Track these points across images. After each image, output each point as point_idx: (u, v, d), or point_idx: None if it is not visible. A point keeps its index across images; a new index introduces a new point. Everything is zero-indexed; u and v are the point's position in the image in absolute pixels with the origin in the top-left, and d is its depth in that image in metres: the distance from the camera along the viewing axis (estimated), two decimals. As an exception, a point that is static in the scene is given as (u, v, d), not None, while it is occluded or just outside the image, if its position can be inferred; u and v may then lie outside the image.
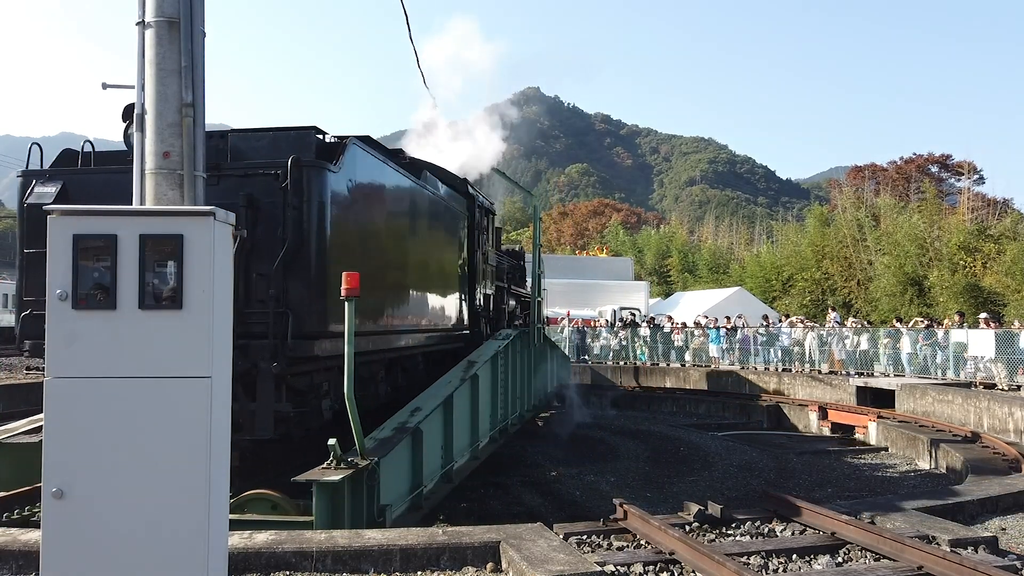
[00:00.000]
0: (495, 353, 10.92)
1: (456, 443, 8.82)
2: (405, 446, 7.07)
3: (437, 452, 8.27)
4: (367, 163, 7.31)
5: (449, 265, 10.33)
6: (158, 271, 3.09)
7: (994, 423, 13.68)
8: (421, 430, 7.38)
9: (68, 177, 6.78)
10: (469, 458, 9.60)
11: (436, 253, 9.69)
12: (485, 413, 10.52)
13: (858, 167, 56.73)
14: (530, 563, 4.64)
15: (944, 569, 4.84)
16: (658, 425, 17.94)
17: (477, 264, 11.75)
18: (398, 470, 6.89)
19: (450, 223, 10.42)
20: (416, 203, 8.89)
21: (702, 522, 6.18)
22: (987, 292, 28.11)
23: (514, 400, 12.71)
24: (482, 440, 10.21)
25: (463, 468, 9.26)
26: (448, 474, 8.52)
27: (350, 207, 6.92)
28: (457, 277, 10.75)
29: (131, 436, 3.05)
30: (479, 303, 11.95)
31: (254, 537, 5.08)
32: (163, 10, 4.47)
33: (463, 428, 9.30)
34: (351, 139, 7.06)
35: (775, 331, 22.89)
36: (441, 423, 8.40)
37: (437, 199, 9.73)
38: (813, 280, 37.03)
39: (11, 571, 4.74)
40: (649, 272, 53.02)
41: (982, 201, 38.62)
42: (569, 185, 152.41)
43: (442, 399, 8.31)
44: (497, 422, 11.17)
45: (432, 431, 7.95)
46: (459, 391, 8.92)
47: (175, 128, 4.45)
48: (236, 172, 6.34)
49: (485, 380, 10.53)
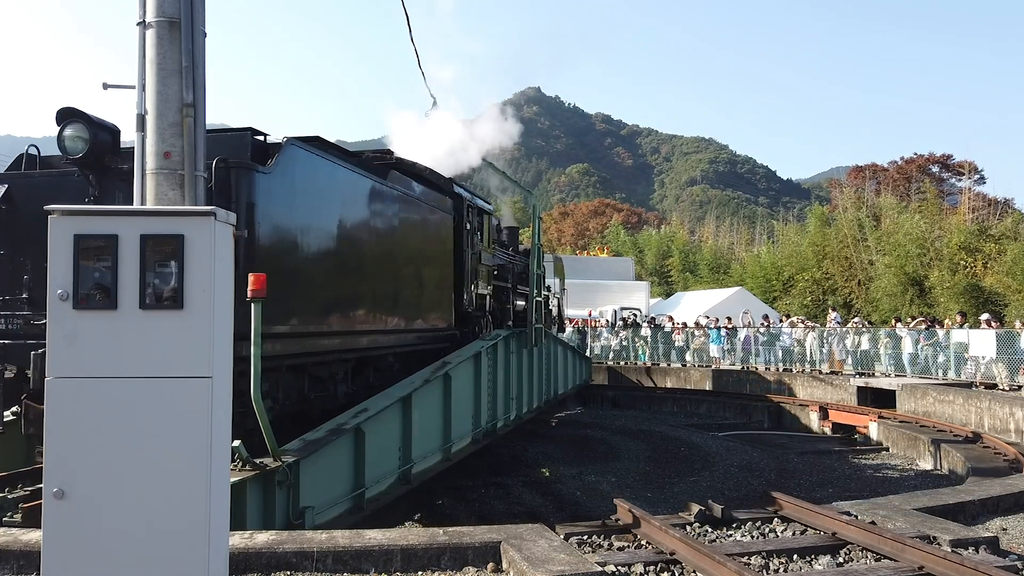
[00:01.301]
0: (476, 353, 10.80)
1: (418, 444, 8.69)
2: (340, 447, 7.01)
3: (392, 453, 8.19)
4: (310, 163, 7.23)
5: (428, 265, 10.19)
6: (159, 271, 3.09)
7: (995, 423, 13.67)
8: (363, 431, 7.31)
9: (13, 180, 6.76)
10: (440, 459, 9.50)
11: (408, 253, 9.53)
12: (464, 414, 10.38)
13: (859, 167, 56.69)
14: (531, 563, 4.64)
15: (945, 569, 4.84)
16: (659, 425, 17.95)
17: (466, 264, 11.60)
18: (329, 471, 6.82)
19: (428, 222, 10.27)
20: (380, 203, 8.75)
21: (703, 522, 6.18)
22: (988, 292, 28.10)
23: (508, 401, 12.56)
24: (458, 441, 10.04)
25: (429, 469, 9.14)
26: (407, 475, 8.41)
27: (287, 208, 6.83)
28: (440, 277, 10.61)
29: (132, 436, 3.05)
30: (469, 303, 11.80)
31: (255, 537, 5.08)
32: (164, 10, 4.47)
33: (430, 428, 9.19)
34: (289, 140, 7.02)
35: (775, 331, 22.90)
36: (399, 423, 8.32)
37: (409, 198, 9.60)
38: (814, 280, 37.02)
39: (12, 571, 4.74)
40: (650, 272, 53.02)
41: (983, 201, 38.61)
42: (570, 185, 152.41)
43: (395, 399, 8.20)
44: (482, 423, 11.01)
45: (382, 431, 7.87)
46: (422, 391, 8.78)
47: (176, 128, 4.46)
48: None
49: (464, 380, 10.40)
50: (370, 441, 7.50)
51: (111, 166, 6.37)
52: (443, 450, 9.61)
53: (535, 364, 14.51)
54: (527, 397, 13.98)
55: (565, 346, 18.98)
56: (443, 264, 10.82)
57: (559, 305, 21.39)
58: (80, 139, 6.25)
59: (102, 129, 6.37)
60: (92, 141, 6.24)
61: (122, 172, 6.28)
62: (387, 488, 8.01)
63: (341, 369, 8.49)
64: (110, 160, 6.38)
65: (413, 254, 9.72)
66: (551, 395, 16.19)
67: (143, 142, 4.52)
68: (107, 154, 6.36)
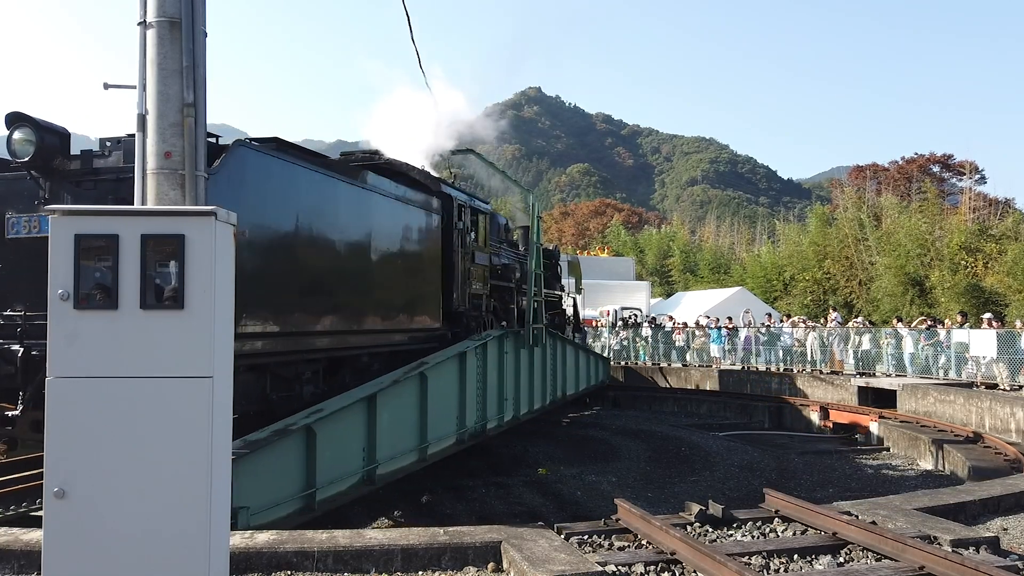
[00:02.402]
0: (461, 352, 10.75)
1: (385, 444, 8.65)
2: (287, 447, 6.98)
3: (355, 453, 8.17)
4: (263, 164, 7.24)
5: (410, 265, 10.13)
6: (160, 271, 3.10)
7: (996, 423, 13.67)
8: (315, 431, 7.28)
9: None
10: (415, 459, 9.47)
11: (385, 253, 9.48)
12: (446, 413, 10.32)
13: (860, 167, 56.64)
14: (531, 563, 4.65)
15: (946, 569, 4.84)
16: (659, 425, 17.94)
17: (456, 264, 11.54)
18: (272, 472, 6.80)
19: (410, 222, 10.21)
20: (350, 203, 8.73)
21: (703, 522, 6.18)
22: (989, 292, 28.07)
23: (501, 401, 12.45)
24: (437, 442, 9.98)
25: (401, 469, 9.10)
26: (371, 476, 8.38)
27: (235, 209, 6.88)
28: (425, 277, 10.55)
29: (133, 436, 3.05)
30: (461, 303, 11.75)
31: (255, 537, 5.09)
32: (164, 10, 4.47)
33: (402, 429, 9.15)
34: (237, 141, 7.10)
35: (776, 331, 22.90)
36: (362, 423, 8.29)
37: (385, 198, 9.56)
38: (814, 280, 37.01)
39: (13, 571, 4.74)
40: (650, 272, 53.00)
41: (984, 201, 38.58)
42: (570, 185, 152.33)
43: (357, 399, 8.16)
44: (469, 423, 10.94)
45: (341, 431, 7.85)
46: (389, 391, 8.74)
47: (176, 128, 4.46)
48: (110, 176, 6.47)
49: (446, 379, 10.34)
50: (324, 441, 7.46)
51: (60, 168, 6.51)
52: (419, 450, 9.55)
53: (536, 364, 14.43)
54: (527, 397, 13.91)
55: (576, 346, 18.73)
56: (429, 264, 10.74)
57: (575, 305, 21.26)
58: (28, 142, 6.39)
59: (50, 132, 6.50)
60: (40, 144, 6.37)
61: (71, 174, 6.48)
62: (347, 488, 7.97)
63: (308, 369, 8.48)
64: (60, 163, 6.52)
65: (391, 254, 9.65)
66: (556, 396, 16.03)
67: (144, 142, 4.51)
68: (56, 157, 6.49)
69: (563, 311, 19.68)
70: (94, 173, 6.48)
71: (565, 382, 16.82)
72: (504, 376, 12.66)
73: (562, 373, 16.56)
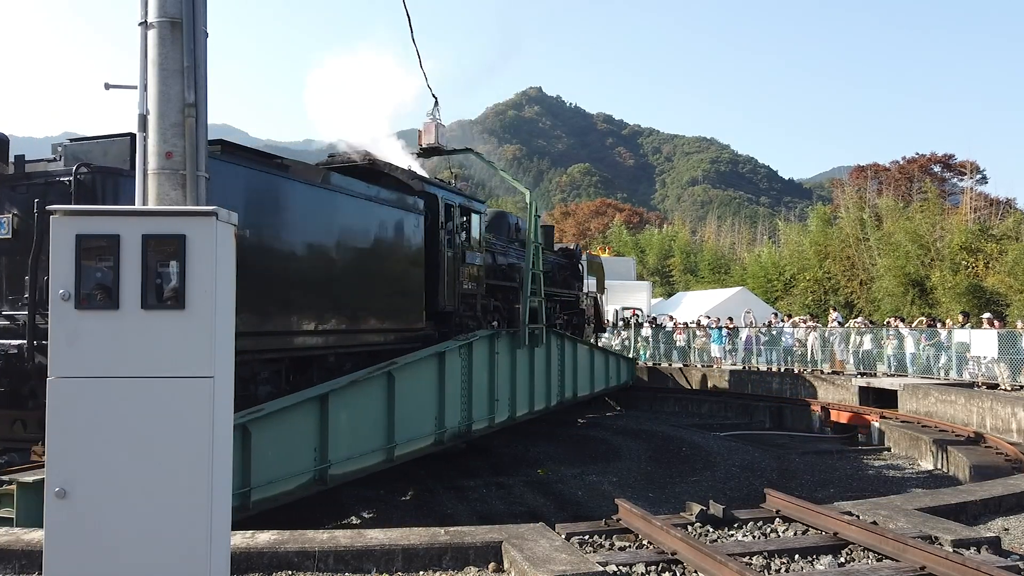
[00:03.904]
0: (440, 352, 10.70)
1: (341, 445, 8.66)
2: None
3: (304, 452, 8.17)
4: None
5: (385, 265, 10.10)
6: (161, 271, 3.10)
7: (997, 423, 13.66)
8: (250, 430, 7.27)
9: None
10: (381, 460, 9.45)
11: (352, 253, 9.45)
12: (420, 414, 10.29)
13: (861, 167, 56.56)
14: (532, 563, 4.65)
15: (947, 569, 4.84)
16: (660, 425, 17.93)
17: (441, 264, 11.50)
18: None
19: (384, 222, 10.16)
20: (305, 204, 8.71)
21: (704, 522, 6.18)
22: (990, 293, 28.05)
23: (492, 402, 12.39)
24: (409, 443, 9.94)
25: (361, 470, 9.09)
26: (323, 475, 8.38)
27: None
28: (404, 277, 10.50)
29: (134, 436, 3.06)
30: (447, 303, 11.68)
31: (256, 537, 5.09)
32: (165, 10, 4.47)
33: (363, 428, 9.14)
34: None
35: (777, 331, 22.88)
36: (314, 423, 8.29)
37: (351, 199, 9.54)
38: (815, 280, 36.99)
39: (14, 571, 4.75)
40: (651, 272, 52.99)
41: (985, 201, 38.54)
42: (571, 185, 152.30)
43: (306, 399, 8.15)
44: (448, 423, 10.88)
45: (285, 431, 7.86)
46: (345, 391, 8.75)
47: (178, 128, 4.45)
48: (39, 181, 6.66)
49: (422, 379, 10.32)
50: (265, 441, 7.46)
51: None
52: (385, 450, 9.53)
53: (538, 365, 14.36)
54: (525, 398, 13.83)
55: (592, 346, 18.48)
56: (409, 264, 10.68)
57: (595, 305, 21.02)
58: None
59: None
60: None
61: (9, 179, 6.72)
62: (294, 488, 7.97)
63: (265, 369, 8.47)
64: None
65: (359, 254, 9.63)
66: (564, 397, 15.84)
67: (145, 142, 4.51)
68: None
69: (581, 311, 19.50)
70: (26, 177, 6.73)
71: (576, 383, 16.54)
72: (495, 376, 12.52)
73: (572, 374, 16.31)
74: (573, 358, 16.46)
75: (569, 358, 16.23)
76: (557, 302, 17.81)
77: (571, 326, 18.75)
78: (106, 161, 6.72)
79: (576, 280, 19.46)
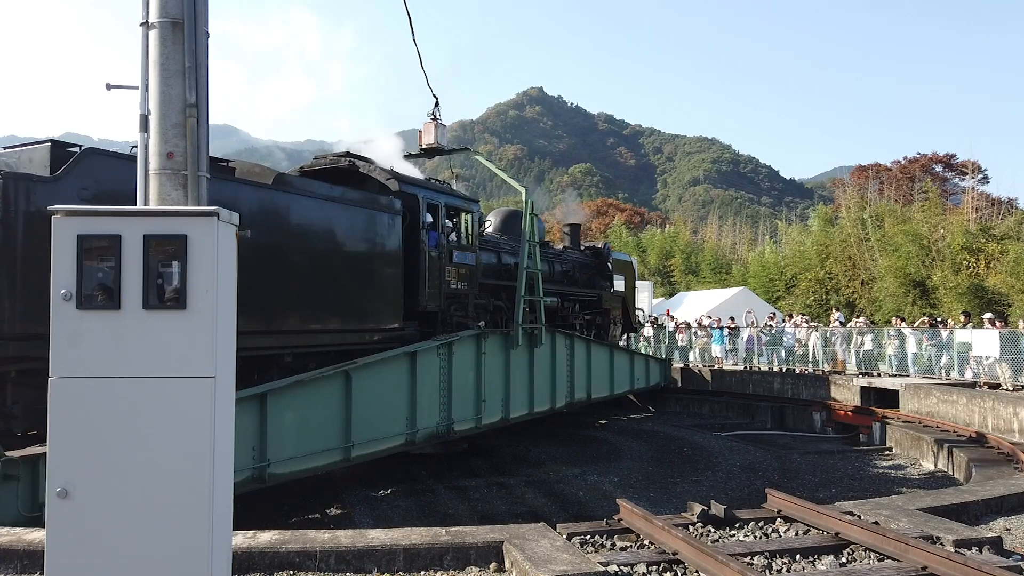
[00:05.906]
0: (412, 352, 10.68)
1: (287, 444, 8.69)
2: None
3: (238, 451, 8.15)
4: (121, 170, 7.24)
5: (350, 265, 10.06)
6: (162, 271, 3.10)
7: (998, 423, 13.64)
8: None
9: None
10: (336, 459, 9.49)
11: (311, 254, 9.44)
12: (385, 414, 10.27)
13: (862, 167, 56.56)
14: (533, 563, 4.65)
15: (948, 569, 4.83)
16: (661, 425, 17.93)
17: (422, 264, 11.46)
18: None
19: (352, 222, 10.15)
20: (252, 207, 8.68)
21: (705, 522, 6.18)
22: (991, 292, 28.01)
23: (479, 403, 12.31)
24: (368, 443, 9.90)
25: (307, 469, 9.08)
26: (261, 474, 8.39)
27: None
28: (374, 277, 10.47)
29: (135, 436, 3.06)
30: (430, 303, 11.66)
31: (258, 537, 5.09)
32: (167, 11, 4.47)
33: (315, 428, 9.16)
34: (88, 149, 7.28)
35: (778, 331, 22.87)
36: (254, 422, 8.31)
37: (313, 201, 9.54)
38: (816, 280, 36.96)
39: (16, 571, 4.75)
40: (652, 272, 52.98)
41: (986, 200, 38.50)
42: (572, 185, 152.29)
43: (242, 397, 8.07)
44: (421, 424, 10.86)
45: None
46: (289, 391, 8.77)
47: (179, 129, 4.45)
48: None
49: (387, 379, 10.29)
50: None
51: None
52: (342, 450, 9.54)
53: (538, 365, 14.27)
54: (523, 399, 13.72)
55: (611, 346, 18.10)
56: (383, 263, 10.64)
57: (624, 304, 20.62)
58: None
59: None
60: None
61: None
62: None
63: None
64: None
65: (322, 255, 9.63)
66: (573, 398, 15.61)
67: (146, 143, 4.52)
68: None
69: (606, 310, 19.30)
70: None
71: (591, 384, 16.31)
72: (482, 376, 12.42)
73: (586, 375, 16.10)
74: (586, 358, 16.13)
75: (581, 358, 15.93)
76: (576, 301, 17.65)
77: (594, 325, 18.55)
78: (30, 168, 6.89)
79: (603, 279, 19.21)
